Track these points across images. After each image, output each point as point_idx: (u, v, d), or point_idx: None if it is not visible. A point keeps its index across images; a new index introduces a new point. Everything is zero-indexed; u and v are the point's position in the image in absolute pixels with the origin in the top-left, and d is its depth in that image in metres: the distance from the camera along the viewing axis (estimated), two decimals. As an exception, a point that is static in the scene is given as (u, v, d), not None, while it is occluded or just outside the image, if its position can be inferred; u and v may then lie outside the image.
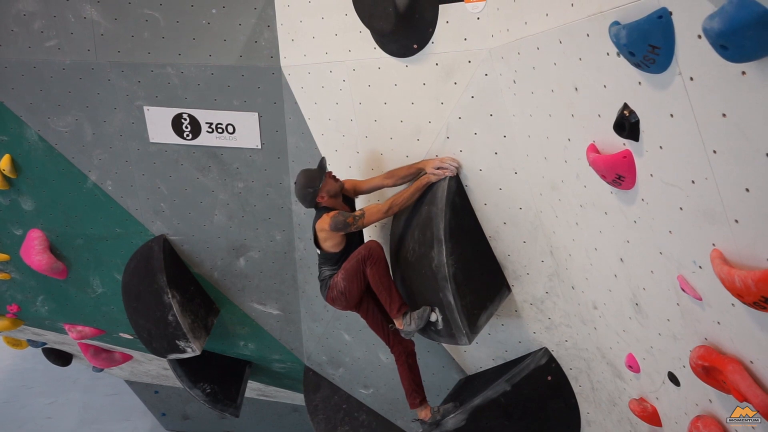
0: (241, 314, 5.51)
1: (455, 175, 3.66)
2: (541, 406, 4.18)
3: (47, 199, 5.17)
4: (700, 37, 1.72)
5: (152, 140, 4.70)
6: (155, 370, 7.43)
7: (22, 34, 4.47)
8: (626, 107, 2.23)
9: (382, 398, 5.58)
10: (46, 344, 7.68)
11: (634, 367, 3.14)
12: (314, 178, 3.75)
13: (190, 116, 4.56)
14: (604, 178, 2.50)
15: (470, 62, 3.34)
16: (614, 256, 2.84)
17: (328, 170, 3.85)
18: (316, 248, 3.96)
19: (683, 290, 2.35)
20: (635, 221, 2.51)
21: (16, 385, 10.15)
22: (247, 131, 4.53)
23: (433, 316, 3.75)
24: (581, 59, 2.42)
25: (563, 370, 4.10)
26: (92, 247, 5.36)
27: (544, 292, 3.81)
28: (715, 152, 1.87)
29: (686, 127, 1.94)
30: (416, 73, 3.57)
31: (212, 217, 4.97)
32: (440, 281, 3.65)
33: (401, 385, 4.18)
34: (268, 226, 4.94)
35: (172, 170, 4.80)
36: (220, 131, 4.57)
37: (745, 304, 1.95)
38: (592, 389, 3.95)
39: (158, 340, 5.10)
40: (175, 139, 4.65)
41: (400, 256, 3.99)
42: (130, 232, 5.16)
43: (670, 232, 2.29)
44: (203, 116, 4.54)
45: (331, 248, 3.84)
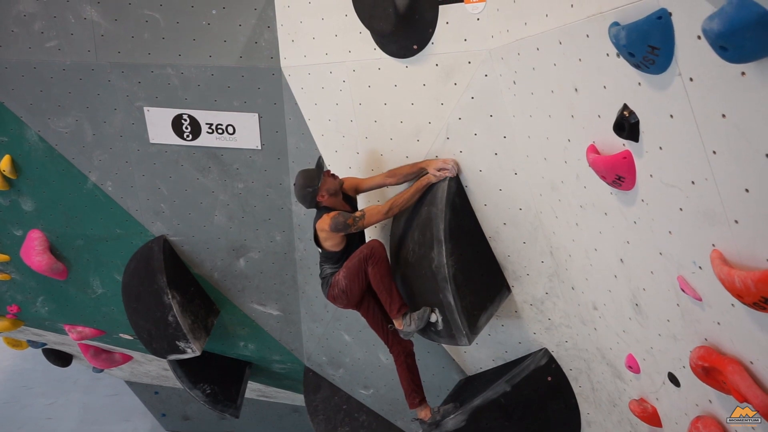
0: (241, 315, 5.51)
1: (455, 176, 3.66)
2: (541, 406, 4.18)
3: (47, 199, 5.17)
4: (699, 37, 1.72)
5: (152, 141, 4.70)
6: (155, 370, 7.43)
7: (22, 34, 4.47)
8: (626, 108, 2.23)
9: (382, 399, 5.58)
10: (46, 345, 7.68)
11: (634, 367, 3.14)
12: (313, 177, 3.75)
13: (190, 117, 4.56)
14: (604, 178, 2.50)
15: (470, 63, 3.34)
16: (614, 256, 2.84)
17: (326, 168, 3.84)
18: (317, 247, 3.96)
19: (683, 291, 2.35)
20: (635, 222, 2.51)
21: (16, 385, 10.15)
22: (247, 132, 4.54)
23: (433, 316, 3.76)
24: (581, 60, 2.42)
25: (563, 370, 4.10)
26: (92, 247, 5.37)
27: (544, 292, 3.81)
28: (714, 153, 1.87)
29: (686, 127, 1.94)
30: (416, 73, 3.57)
31: (212, 217, 4.97)
32: (440, 282, 3.65)
33: (401, 385, 4.18)
34: (268, 226, 4.94)
35: (172, 171, 4.81)
36: (220, 132, 4.57)
37: (744, 304, 1.95)
38: (592, 390, 3.94)
39: (158, 340, 5.10)
40: (175, 139, 4.65)
41: (400, 256, 3.99)
42: (130, 232, 5.16)
43: (670, 232, 2.29)
44: (203, 117, 4.54)
45: (331, 247, 3.84)
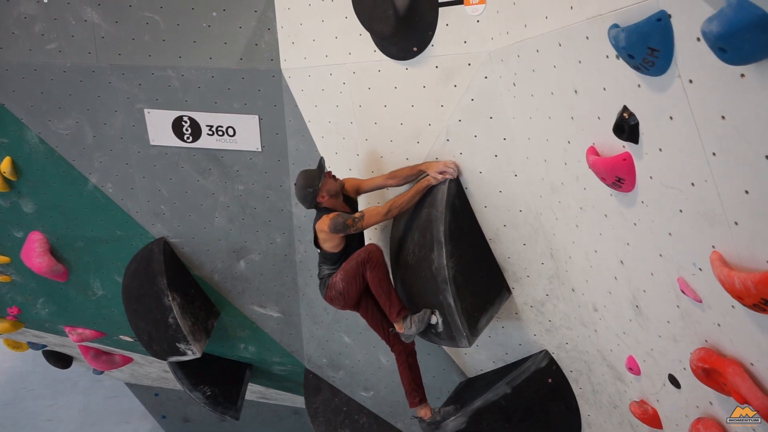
0: (241, 317, 5.51)
1: (455, 177, 3.66)
2: (541, 408, 4.17)
3: (48, 201, 5.18)
4: (699, 39, 1.72)
5: (153, 143, 4.70)
6: (155, 372, 7.43)
7: (22, 36, 4.48)
8: (626, 110, 2.23)
9: (382, 401, 5.57)
10: (46, 346, 7.68)
11: (634, 369, 3.13)
12: (313, 177, 3.75)
13: (190, 119, 4.56)
14: (603, 180, 2.50)
15: (470, 65, 3.34)
16: (614, 258, 2.84)
17: (327, 170, 3.85)
18: (316, 247, 3.96)
19: (683, 292, 2.35)
20: (635, 223, 2.51)
21: (16, 387, 10.15)
22: (247, 134, 4.54)
23: (433, 318, 3.75)
24: (581, 62, 2.42)
25: (564, 372, 4.10)
26: (93, 249, 5.37)
27: (544, 294, 3.81)
28: (714, 154, 1.87)
29: (686, 129, 1.95)
30: (416, 75, 3.57)
31: (212, 219, 4.97)
32: (440, 284, 3.65)
33: (401, 385, 4.18)
34: (268, 228, 4.94)
35: (172, 173, 4.81)
36: (220, 134, 4.58)
37: (745, 306, 1.95)
38: (592, 391, 3.94)
39: (158, 342, 5.10)
40: (175, 141, 4.66)
41: (400, 258, 3.99)
42: (130, 234, 5.17)
43: (670, 234, 2.29)
44: (204, 119, 4.54)
45: (330, 249, 3.85)
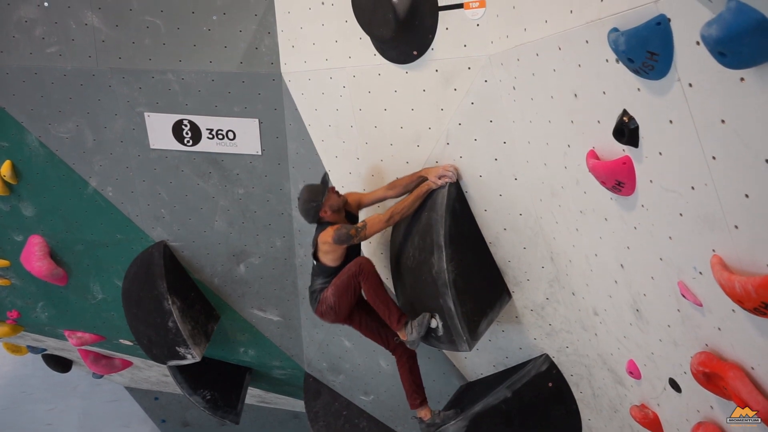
0: (241, 321, 5.50)
1: (455, 181, 3.66)
2: (542, 412, 4.16)
3: (48, 205, 5.17)
4: (698, 43, 1.72)
5: (153, 146, 4.70)
6: (155, 376, 7.42)
7: (23, 40, 4.48)
8: (625, 113, 2.23)
9: (382, 405, 5.56)
10: (46, 350, 7.67)
11: (635, 373, 3.13)
12: (317, 192, 3.77)
13: (190, 122, 4.57)
14: (603, 184, 2.50)
15: (470, 69, 3.35)
16: (614, 262, 2.83)
17: (330, 185, 3.87)
18: (312, 260, 3.96)
19: (684, 296, 2.35)
20: (635, 227, 2.51)
21: (15, 391, 10.13)
22: (247, 137, 4.54)
23: (433, 322, 3.75)
24: (580, 66, 2.42)
25: (564, 376, 4.09)
26: (92, 253, 5.36)
27: (544, 298, 3.80)
28: (714, 158, 1.87)
29: (685, 133, 1.94)
30: (416, 79, 3.58)
31: (212, 223, 4.97)
32: (440, 288, 3.64)
33: (402, 387, 4.18)
34: (268, 232, 4.94)
35: (172, 176, 4.81)
36: (220, 137, 4.58)
37: (745, 310, 1.95)
38: (593, 395, 3.93)
39: (158, 346, 5.10)
40: (175, 145, 4.66)
41: (400, 262, 3.99)
42: (130, 238, 5.16)
43: (670, 238, 2.29)
44: (204, 122, 4.55)
45: (330, 262, 3.85)
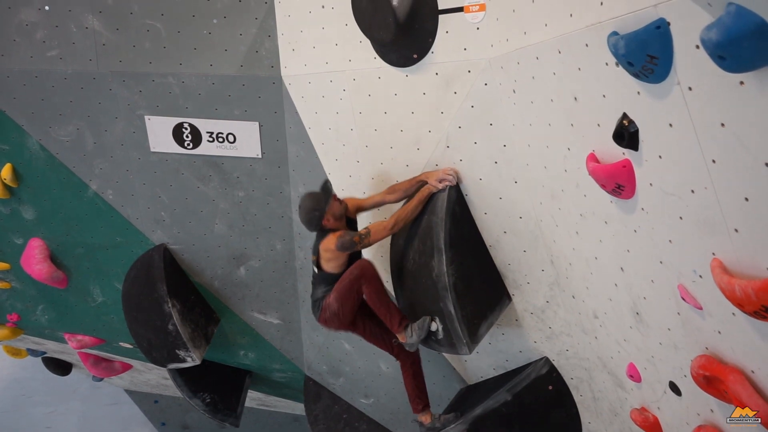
0: (241, 323, 5.50)
1: (455, 184, 3.66)
2: (542, 415, 4.16)
3: (48, 208, 5.18)
4: (698, 47, 1.73)
5: (153, 149, 4.71)
6: (155, 379, 7.41)
7: (24, 43, 4.49)
8: (625, 117, 2.23)
9: (382, 408, 5.55)
10: (45, 353, 7.66)
11: (635, 376, 3.13)
12: (320, 200, 3.74)
13: (190, 125, 4.57)
14: (603, 187, 2.50)
15: (470, 72, 3.35)
16: (615, 265, 2.83)
17: (332, 193, 3.84)
18: (313, 268, 3.94)
19: (684, 299, 2.35)
20: (635, 230, 2.51)
21: (15, 394, 10.12)
22: (247, 140, 4.55)
23: (433, 325, 3.75)
24: (580, 69, 2.43)
25: (564, 379, 4.09)
26: (93, 256, 5.37)
27: (544, 301, 3.80)
28: (714, 162, 1.87)
29: (685, 136, 1.95)
30: (416, 82, 3.58)
31: (213, 226, 4.97)
32: (440, 291, 3.64)
33: (402, 392, 4.17)
34: (268, 235, 4.94)
35: (172, 179, 4.81)
36: (220, 140, 4.58)
37: (745, 313, 1.95)
38: (593, 399, 3.93)
39: (158, 349, 5.09)
40: (175, 148, 4.66)
41: (400, 266, 3.99)
42: (130, 241, 5.16)
43: (670, 241, 2.29)
44: (204, 125, 4.55)
45: (333, 269, 3.82)
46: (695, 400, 2.62)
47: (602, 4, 2.18)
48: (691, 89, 1.85)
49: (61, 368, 7.98)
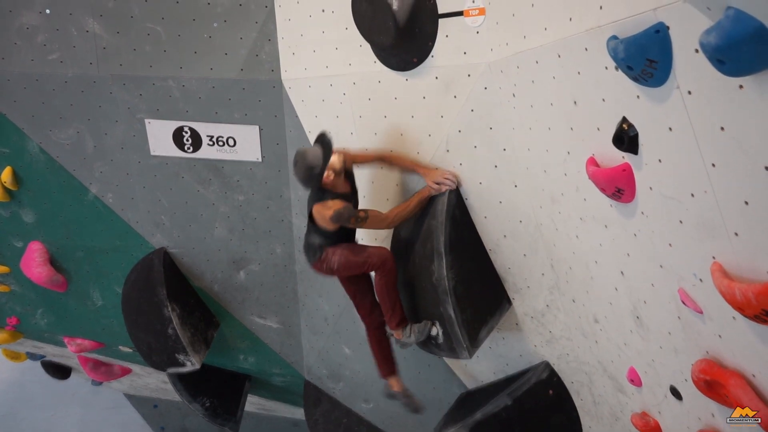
0: (241, 327, 5.49)
1: (455, 188, 3.66)
2: (542, 420, 4.15)
3: (48, 211, 5.18)
4: (697, 51, 1.73)
5: (153, 153, 4.71)
6: (154, 383, 7.40)
7: (24, 47, 4.50)
8: (625, 121, 2.23)
9: (382, 413, 5.54)
10: (45, 357, 7.66)
11: (635, 380, 3.12)
12: (318, 156, 3.41)
13: (191, 129, 4.57)
14: (603, 191, 2.50)
15: (470, 76, 3.35)
16: (615, 269, 2.83)
17: (332, 146, 3.51)
18: (307, 217, 3.71)
19: (684, 303, 2.34)
20: (635, 234, 2.50)
21: (14, 398, 10.11)
22: (247, 144, 4.55)
23: (433, 330, 3.74)
24: (580, 73, 2.43)
25: (564, 383, 4.08)
26: (92, 259, 5.36)
27: (544, 305, 3.79)
28: (714, 165, 1.87)
29: (685, 140, 1.95)
30: (416, 86, 3.58)
31: (213, 229, 4.97)
32: (440, 295, 3.64)
33: (373, 356, 4.14)
34: (268, 239, 4.94)
35: (172, 183, 4.82)
36: (221, 144, 4.58)
37: (746, 317, 1.94)
38: (593, 403, 3.92)
39: (158, 353, 5.09)
40: (176, 151, 4.67)
41: (400, 269, 3.98)
42: (130, 244, 5.16)
43: (670, 245, 2.29)
44: (204, 129, 4.56)
45: (326, 227, 3.59)
46: (696, 404, 2.61)
47: (601, 8, 2.18)
48: (690, 93, 1.85)
49: (60, 372, 7.96)
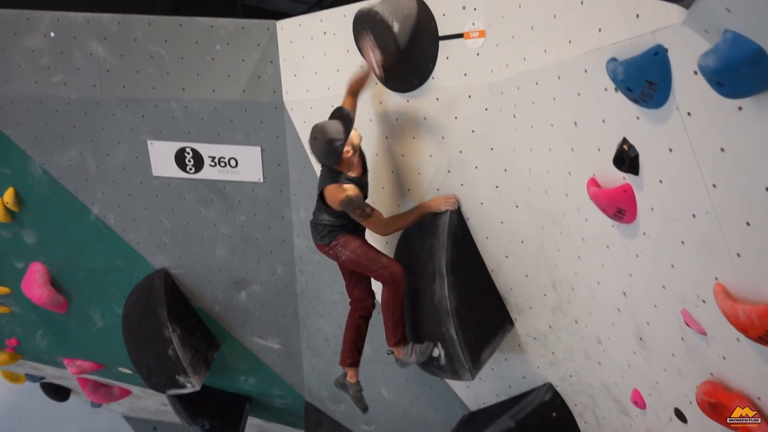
0: (241, 348, 5.46)
1: (456, 209, 3.66)
2: (546, 443, 4.10)
3: (50, 232, 5.18)
4: (696, 73, 1.74)
5: (155, 174, 4.73)
6: (154, 405, 7.34)
7: (29, 69, 4.54)
8: (625, 142, 2.24)
9: (384, 435, 5.48)
10: (44, 378, 7.60)
11: (639, 403, 3.09)
12: (340, 130, 3.28)
13: (193, 150, 4.60)
14: (605, 211, 2.50)
15: (470, 97, 3.37)
16: (617, 289, 2.82)
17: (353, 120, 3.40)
18: (318, 196, 3.62)
19: (687, 324, 2.33)
20: (637, 255, 2.50)
21: (13, 420, 10.03)
22: (249, 165, 4.57)
23: (435, 351, 3.71)
24: (580, 94, 2.44)
25: (568, 405, 4.04)
26: (93, 280, 5.35)
27: (547, 326, 3.77)
28: (714, 186, 1.87)
29: (685, 161, 1.95)
30: (417, 107, 3.60)
31: (214, 250, 4.96)
32: (442, 315, 3.62)
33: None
34: (269, 259, 4.93)
35: (174, 204, 4.82)
36: (222, 165, 4.60)
37: (750, 338, 1.93)
38: (597, 425, 3.87)
39: (158, 374, 5.05)
40: (177, 172, 4.68)
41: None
42: (131, 265, 5.16)
43: (672, 265, 2.28)
44: (206, 150, 4.58)
45: (333, 206, 3.51)
46: (701, 427, 2.57)
47: (600, 30, 2.20)
48: (690, 114, 1.86)
49: (59, 394, 7.91)
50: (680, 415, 2.72)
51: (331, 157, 3.34)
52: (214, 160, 4.59)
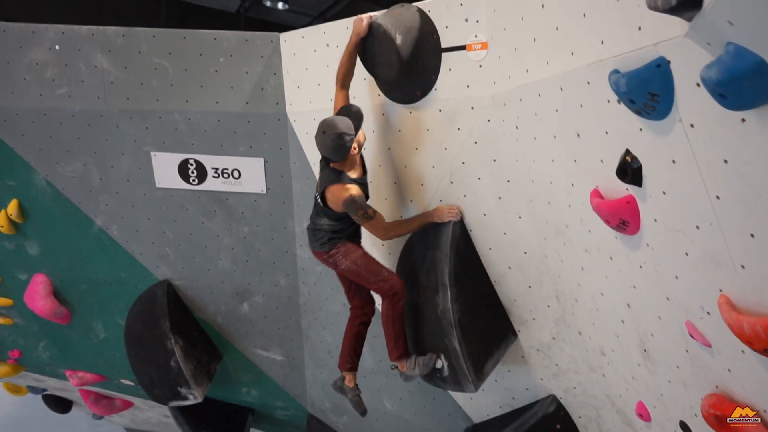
0: (244, 360, 5.44)
1: (459, 219, 3.66)
2: (550, 455, 4.07)
3: (53, 243, 5.19)
4: (698, 85, 1.74)
5: (158, 185, 4.74)
6: (156, 417, 7.31)
7: (33, 82, 4.57)
8: (628, 153, 2.24)
9: (387, 447, 5.45)
10: (46, 390, 7.58)
11: (644, 415, 3.07)
12: (350, 125, 3.23)
13: (196, 161, 4.61)
14: (608, 223, 2.49)
15: (473, 108, 3.38)
16: (621, 301, 2.81)
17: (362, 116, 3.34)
18: (317, 196, 3.57)
19: (692, 336, 2.31)
20: (641, 266, 2.49)
21: (15, 432, 9.99)
22: (252, 176, 4.58)
23: (438, 362, 3.70)
24: (582, 106, 2.45)
25: (572, 418, 4.01)
26: (96, 291, 5.35)
27: (550, 337, 3.76)
28: (718, 198, 1.87)
29: (688, 173, 1.95)
30: (420, 119, 3.62)
31: (217, 261, 4.97)
32: (445, 327, 3.61)
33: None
34: (272, 270, 4.93)
35: (177, 215, 4.83)
36: (225, 176, 4.61)
37: (755, 351, 1.92)
38: (602, 438, 3.85)
39: (160, 386, 5.04)
40: (181, 184, 4.70)
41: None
42: (134, 276, 5.16)
43: (676, 277, 2.27)
44: (209, 162, 4.59)
45: (334, 208, 3.47)
46: (707, 440, 2.56)
47: (603, 42, 2.21)
48: (693, 126, 1.86)
49: (61, 406, 7.88)
50: (685, 427, 2.70)
51: (339, 152, 3.28)
52: (217, 171, 4.61)
